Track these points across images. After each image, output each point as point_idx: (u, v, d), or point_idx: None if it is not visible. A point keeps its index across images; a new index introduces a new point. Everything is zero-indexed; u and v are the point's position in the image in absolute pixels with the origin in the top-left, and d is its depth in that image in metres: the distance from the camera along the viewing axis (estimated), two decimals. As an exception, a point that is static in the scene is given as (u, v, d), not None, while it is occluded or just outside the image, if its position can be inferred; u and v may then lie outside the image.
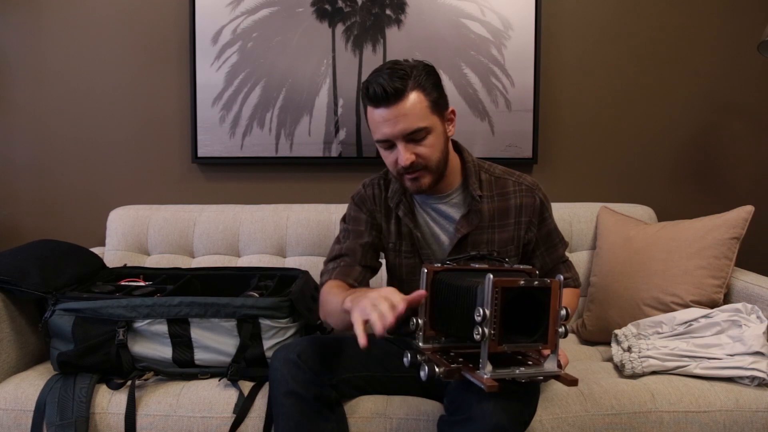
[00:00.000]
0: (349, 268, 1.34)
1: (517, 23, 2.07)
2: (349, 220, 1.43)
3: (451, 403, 1.13)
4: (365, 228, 1.40)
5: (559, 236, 1.43)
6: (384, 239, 1.41)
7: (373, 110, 1.23)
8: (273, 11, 2.06)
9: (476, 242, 1.34)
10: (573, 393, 1.34)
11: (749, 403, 1.33)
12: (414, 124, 1.21)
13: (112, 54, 2.10)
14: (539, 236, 1.39)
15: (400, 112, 1.20)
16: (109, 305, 1.38)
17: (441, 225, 1.38)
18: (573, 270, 1.46)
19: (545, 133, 2.14)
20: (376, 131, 1.25)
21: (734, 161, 2.19)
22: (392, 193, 1.38)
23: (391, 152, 1.25)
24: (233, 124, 2.08)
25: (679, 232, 1.68)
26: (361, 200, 1.43)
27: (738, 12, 2.15)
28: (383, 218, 1.40)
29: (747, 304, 1.46)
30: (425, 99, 1.22)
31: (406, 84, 1.20)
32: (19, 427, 1.32)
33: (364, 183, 1.44)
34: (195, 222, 1.95)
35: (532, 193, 1.37)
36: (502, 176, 1.38)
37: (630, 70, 2.15)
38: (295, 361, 1.19)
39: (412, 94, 1.20)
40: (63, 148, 2.12)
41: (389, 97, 1.19)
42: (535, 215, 1.37)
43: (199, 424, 1.31)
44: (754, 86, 2.17)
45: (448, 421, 1.11)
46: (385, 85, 1.18)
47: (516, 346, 1.00)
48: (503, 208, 1.36)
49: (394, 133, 1.21)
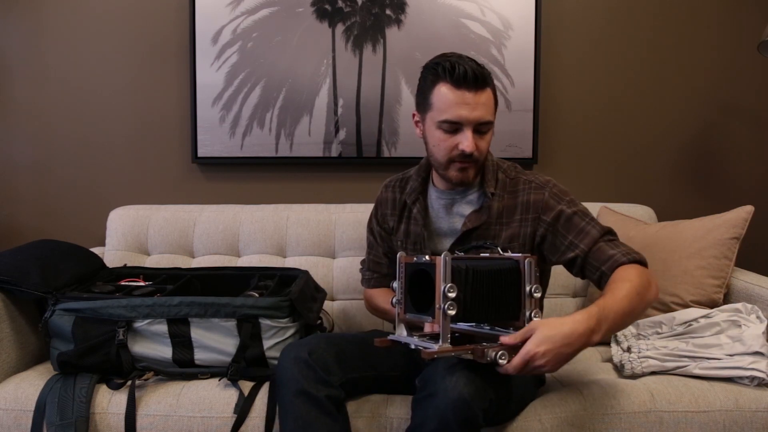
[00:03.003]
0: (383, 278, 1.54)
1: (517, 23, 2.07)
2: (369, 227, 1.56)
3: (420, 381, 1.16)
4: (379, 240, 1.53)
5: (586, 219, 1.29)
6: (393, 238, 1.48)
7: (452, 89, 1.24)
8: (273, 11, 2.06)
9: (482, 237, 1.35)
10: (572, 393, 1.34)
11: (749, 403, 1.33)
12: (488, 116, 1.27)
13: (112, 54, 2.10)
14: (561, 227, 1.29)
15: (480, 100, 1.25)
16: (109, 305, 1.38)
17: (451, 222, 1.40)
18: (621, 245, 1.27)
19: (545, 133, 2.14)
20: (447, 110, 1.25)
21: (734, 161, 2.19)
22: (410, 189, 1.44)
23: (452, 136, 1.27)
24: (233, 124, 2.08)
25: (679, 232, 1.68)
26: (379, 203, 1.53)
27: (738, 12, 2.15)
28: (396, 219, 1.47)
29: (747, 304, 1.46)
30: (494, 98, 1.29)
31: (488, 78, 1.27)
32: (19, 427, 1.32)
33: (386, 184, 1.53)
34: (195, 222, 1.95)
35: (542, 189, 1.34)
36: (516, 176, 1.40)
37: (630, 70, 2.15)
38: (307, 360, 1.19)
39: (489, 89, 1.27)
40: (63, 147, 2.12)
41: (478, 81, 1.24)
42: (544, 211, 1.31)
43: (199, 424, 1.31)
44: (754, 86, 2.17)
45: (417, 398, 1.14)
46: (476, 70, 1.23)
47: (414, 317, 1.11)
48: (511, 206, 1.37)
49: (471, 118, 1.25)
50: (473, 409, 1.05)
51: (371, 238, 1.56)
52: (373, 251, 1.56)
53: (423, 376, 1.16)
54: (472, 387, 1.06)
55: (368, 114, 2.09)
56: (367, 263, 1.58)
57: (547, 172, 2.16)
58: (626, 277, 1.18)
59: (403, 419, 1.29)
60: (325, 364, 1.21)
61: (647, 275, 1.21)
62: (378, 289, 1.55)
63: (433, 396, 1.07)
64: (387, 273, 1.53)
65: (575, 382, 1.40)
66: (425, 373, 1.16)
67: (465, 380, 1.06)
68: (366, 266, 1.59)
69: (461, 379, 1.06)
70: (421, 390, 1.13)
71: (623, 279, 1.17)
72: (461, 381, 1.06)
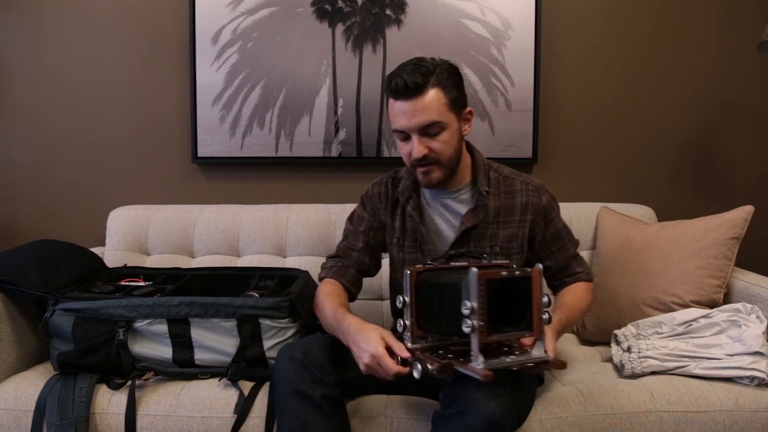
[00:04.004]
0: (345, 269, 1.42)
1: (517, 23, 2.07)
2: (353, 219, 1.50)
3: (446, 397, 1.15)
4: (365, 228, 1.46)
5: (569, 235, 1.46)
6: (388, 235, 1.46)
7: (393, 102, 1.29)
8: (273, 11, 2.06)
9: (480, 237, 1.37)
10: (573, 393, 1.34)
11: (749, 403, 1.33)
12: (429, 119, 1.26)
13: (112, 54, 2.10)
14: (549, 236, 1.42)
15: (417, 106, 1.25)
16: (109, 305, 1.38)
17: (447, 220, 1.41)
18: (585, 265, 1.48)
19: (545, 133, 2.14)
20: (393, 121, 1.31)
21: (734, 161, 2.19)
22: (403, 188, 1.44)
23: (407, 144, 1.31)
24: (233, 124, 2.08)
25: (679, 232, 1.68)
26: (368, 199, 1.49)
27: (738, 12, 2.15)
28: (388, 215, 1.45)
29: (747, 304, 1.46)
30: (444, 96, 1.27)
31: (427, 80, 1.26)
32: (19, 427, 1.32)
33: (374, 182, 1.51)
34: (195, 222, 1.95)
35: (539, 193, 1.40)
36: (510, 176, 1.43)
37: (630, 69, 2.15)
38: (301, 360, 1.19)
39: (431, 91, 1.26)
40: (63, 148, 2.12)
41: (409, 90, 1.25)
42: (540, 215, 1.40)
43: (199, 424, 1.31)
44: (754, 86, 2.17)
45: (443, 414, 1.12)
46: (407, 79, 1.24)
47: (504, 335, 1.03)
48: (509, 206, 1.39)
49: (410, 125, 1.27)
50: (503, 428, 1.06)
51: (356, 226, 1.47)
52: (351, 238, 1.46)
53: (447, 392, 1.15)
54: (504, 405, 1.06)
55: (368, 114, 2.09)
56: (337, 250, 1.47)
57: (547, 172, 2.16)
58: (584, 296, 1.41)
59: (402, 419, 1.29)
60: (320, 364, 1.21)
61: (594, 293, 1.47)
62: (331, 280, 1.40)
63: (463, 414, 1.06)
64: (352, 265, 1.43)
65: (575, 382, 1.41)
66: (449, 388, 1.15)
67: (497, 399, 1.06)
68: (335, 254, 1.47)
69: (493, 397, 1.06)
70: (448, 406, 1.12)
71: (582, 298, 1.40)
72: (493, 400, 1.05)
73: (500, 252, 1.37)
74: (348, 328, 1.18)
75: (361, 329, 1.16)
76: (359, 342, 1.14)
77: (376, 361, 1.10)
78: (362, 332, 1.15)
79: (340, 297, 1.35)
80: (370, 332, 1.14)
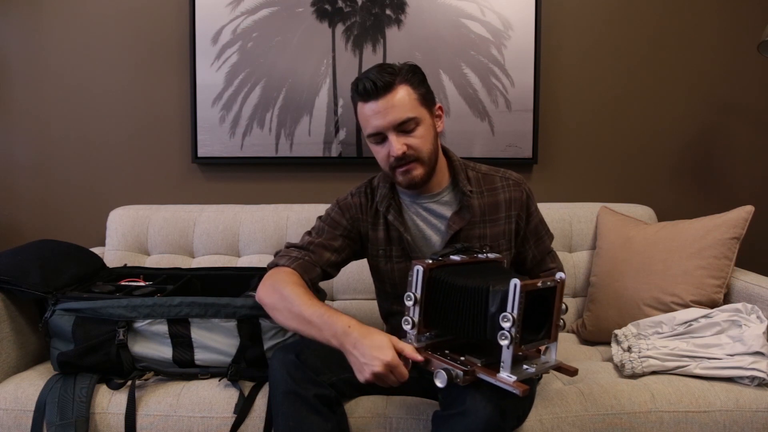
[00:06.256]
0: (311, 266, 1.32)
1: (517, 23, 2.07)
2: (327, 219, 1.41)
3: (446, 398, 1.15)
4: (341, 233, 1.38)
5: (545, 228, 1.47)
6: (372, 248, 1.41)
7: (363, 105, 1.27)
8: (273, 11, 2.06)
9: (468, 237, 1.35)
10: (573, 393, 1.34)
11: (749, 403, 1.33)
12: (404, 114, 1.25)
13: (112, 54, 2.10)
14: (528, 230, 1.42)
15: (389, 104, 1.24)
16: (109, 305, 1.38)
17: (432, 224, 1.38)
18: (558, 260, 1.50)
19: (545, 133, 2.14)
20: (367, 126, 1.28)
21: (734, 161, 2.19)
22: (381, 197, 1.38)
23: (383, 146, 1.29)
24: (233, 124, 2.08)
25: (679, 232, 1.68)
26: (347, 206, 1.41)
27: (738, 12, 2.15)
28: (370, 226, 1.40)
29: (747, 304, 1.46)
30: (413, 92, 1.27)
31: (394, 79, 1.25)
32: (19, 427, 1.32)
33: (351, 192, 1.44)
34: (195, 222, 1.95)
35: (519, 187, 1.41)
36: (489, 173, 1.42)
37: (630, 70, 2.15)
38: (294, 361, 1.19)
39: (400, 87, 1.25)
40: (63, 148, 2.12)
41: (379, 90, 1.24)
42: (523, 209, 1.41)
43: (199, 424, 1.31)
44: (754, 86, 2.17)
45: (443, 415, 1.12)
46: (375, 79, 1.24)
47: (531, 345, 1.03)
48: (493, 203, 1.38)
49: (385, 124, 1.25)
50: (503, 429, 1.06)
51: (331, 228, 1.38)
52: (325, 236, 1.37)
53: (447, 392, 1.13)
54: (504, 405, 1.06)
55: (368, 114, 2.08)
56: (306, 243, 1.36)
57: (547, 171, 2.16)
58: None
59: (402, 419, 1.29)
60: (313, 364, 1.20)
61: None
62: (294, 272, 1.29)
63: (463, 415, 1.06)
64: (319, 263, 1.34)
65: (575, 382, 1.40)
66: (450, 388, 1.12)
67: (497, 399, 1.05)
68: (300, 245, 1.36)
69: (492, 398, 1.05)
70: (448, 407, 1.11)
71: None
72: (492, 400, 1.05)
73: (490, 251, 1.36)
74: (347, 331, 1.09)
75: (367, 334, 1.08)
76: (367, 348, 1.06)
77: (389, 369, 1.04)
78: (369, 338, 1.07)
79: (311, 293, 1.22)
80: (379, 338, 1.07)
